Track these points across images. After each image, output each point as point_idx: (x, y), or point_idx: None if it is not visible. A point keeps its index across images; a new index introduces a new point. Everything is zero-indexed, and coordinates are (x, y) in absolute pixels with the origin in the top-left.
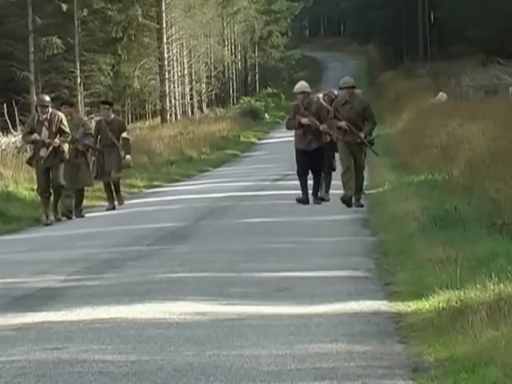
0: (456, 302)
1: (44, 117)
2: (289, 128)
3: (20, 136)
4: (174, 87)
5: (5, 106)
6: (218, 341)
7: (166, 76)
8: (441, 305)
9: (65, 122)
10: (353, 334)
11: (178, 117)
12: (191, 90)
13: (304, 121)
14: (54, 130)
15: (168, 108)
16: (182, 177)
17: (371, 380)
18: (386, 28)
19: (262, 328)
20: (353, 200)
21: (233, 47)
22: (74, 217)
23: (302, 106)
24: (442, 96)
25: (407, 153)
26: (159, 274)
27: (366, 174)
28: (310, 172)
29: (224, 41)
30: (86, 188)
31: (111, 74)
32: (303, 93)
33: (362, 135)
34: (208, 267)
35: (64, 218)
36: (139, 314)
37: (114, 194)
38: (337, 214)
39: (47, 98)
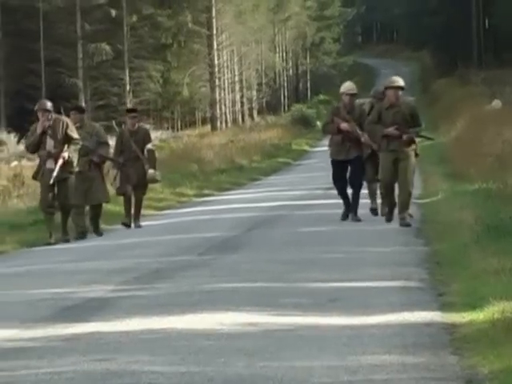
0: (511, 313)
1: (46, 124)
2: (326, 133)
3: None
4: (225, 94)
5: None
6: (269, 352)
7: (217, 83)
8: (495, 316)
9: (72, 127)
10: (406, 345)
11: (229, 124)
12: (242, 97)
13: (344, 126)
14: (59, 137)
15: (218, 115)
16: (232, 185)
17: None
18: (439, 34)
19: (314, 339)
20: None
21: (284, 54)
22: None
23: (345, 110)
24: (497, 103)
25: (461, 161)
26: (210, 284)
27: (419, 183)
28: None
29: (275, 47)
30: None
31: (161, 81)
32: (352, 95)
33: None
34: (259, 277)
35: (77, 238)
36: (189, 324)
37: (132, 211)
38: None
39: (49, 103)
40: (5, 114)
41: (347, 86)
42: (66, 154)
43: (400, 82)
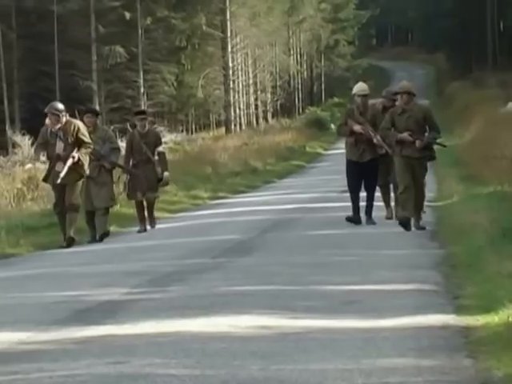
0: None
1: (57, 127)
2: (340, 135)
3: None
4: (239, 97)
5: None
6: (284, 355)
7: (231, 86)
8: (510, 319)
9: (84, 131)
10: (420, 348)
11: (243, 127)
12: (256, 99)
13: (356, 128)
14: (70, 141)
15: (232, 118)
16: (246, 188)
17: None
18: (454, 37)
19: (328, 342)
20: (412, 221)
21: (298, 56)
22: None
23: (358, 111)
24: None
25: (476, 164)
26: (224, 287)
27: (434, 185)
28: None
29: (289, 50)
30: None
31: (175, 83)
32: (364, 95)
33: (426, 139)
34: (273, 280)
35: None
36: (203, 327)
37: (146, 215)
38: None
39: (60, 106)
40: (19, 116)
41: (359, 87)
42: (76, 155)
43: (409, 86)
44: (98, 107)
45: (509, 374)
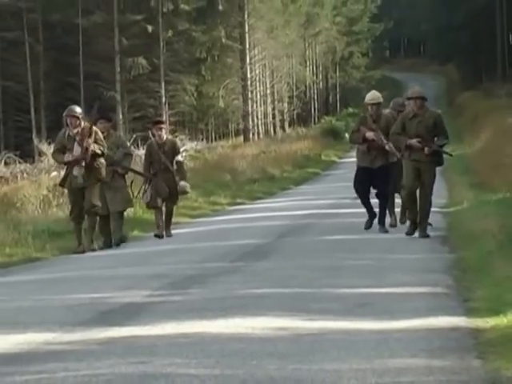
0: None
1: (75, 131)
2: (352, 142)
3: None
4: (257, 107)
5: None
6: (300, 355)
7: (249, 96)
8: None
9: (100, 135)
10: (432, 349)
11: (261, 136)
12: (273, 109)
13: (369, 135)
14: (86, 145)
15: (251, 127)
16: (264, 194)
17: None
18: (465, 49)
19: (343, 343)
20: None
21: (314, 68)
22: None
23: (371, 119)
24: None
25: (486, 172)
26: (242, 290)
27: (444, 192)
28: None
29: (306, 61)
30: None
31: (195, 93)
32: (377, 104)
33: (434, 145)
34: (290, 283)
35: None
36: (222, 328)
37: (164, 222)
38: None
39: (78, 110)
40: (45, 125)
41: (370, 96)
42: (92, 148)
43: (421, 92)
44: (121, 116)
45: None
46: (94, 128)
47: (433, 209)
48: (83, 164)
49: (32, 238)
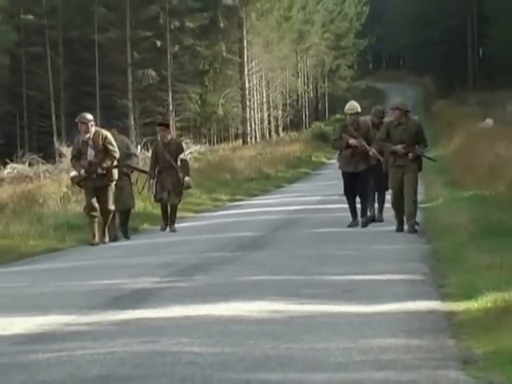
0: (501, 303)
1: (87, 136)
2: (336, 148)
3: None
4: (254, 113)
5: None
6: (292, 335)
7: (247, 104)
8: (488, 305)
9: (111, 140)
10: (410, 329)
11: (258, 139)
12: (269, 115)
13: (352, 142)
14: (99, 148)
15: (248, 131)
16: (260, 192)
17: (427, 371)
18: (439, 62)
19: (331, 324)
20: (405, 226)
21: (305, 78)
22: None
23: (352, 127)
24: (489, 122)
25: (458, 171)
26: (241, 277)
27: (422, 190)
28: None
29: (298, 73)
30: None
31: (199, 101)
32: (355, 113)
33: (418, 151)
34: (283, 271)
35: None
36: (223, 311)
37: (168, 216)
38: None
39: (89, 116)
40: (65, 130)
41: (349, 107)
42: (105, 165)
43: (400, 103)
44: (133, 122)
45: (486, 352)
46: (104, 132)
47: None
48: (94, 176)
49: (53, 230)
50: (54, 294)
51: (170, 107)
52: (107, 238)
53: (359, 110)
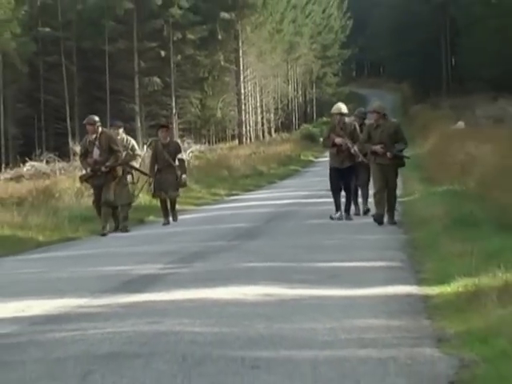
0: (471, 287)
1: (93, 136)
2: (325, 146)
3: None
4: (249, 116)
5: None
6: (283, 316)
7: (243, 108)
8: (459, 289)
9: (115, 140)
10: (390, 311)
11: (252, 140)
12: (262, 118)
13: (337, 141)
14: (104, 148)
15: (244, 133)
16: (254, 187)
17: (405, 348)
18: (416, 70)
19: (318, 306)
20: (385, 218)
21: (295, 85)
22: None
23: (338, 127)
24: (461, 124)
25: (433, 168)
26: (237, 264)
27: (399, 183)
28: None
29: (288, 80)
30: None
31: (199, 106)
32: (340, 114)
33: (394, 150)
34: (276, 258)
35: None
36: (221, 295)
37: (169, 210)
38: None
39: (95, 118)
40: (78, 131)
41: (335, 108)
42: (108, 165)
43: (379, 107)
44: (139, 124)
45: (458, 331)
46: (110, 133)
47: None
48: (99, 174)
49: (68, 222)
50: (69, 279)
51: (173, 111)
52: (107, 229)
53: (343, 111)
